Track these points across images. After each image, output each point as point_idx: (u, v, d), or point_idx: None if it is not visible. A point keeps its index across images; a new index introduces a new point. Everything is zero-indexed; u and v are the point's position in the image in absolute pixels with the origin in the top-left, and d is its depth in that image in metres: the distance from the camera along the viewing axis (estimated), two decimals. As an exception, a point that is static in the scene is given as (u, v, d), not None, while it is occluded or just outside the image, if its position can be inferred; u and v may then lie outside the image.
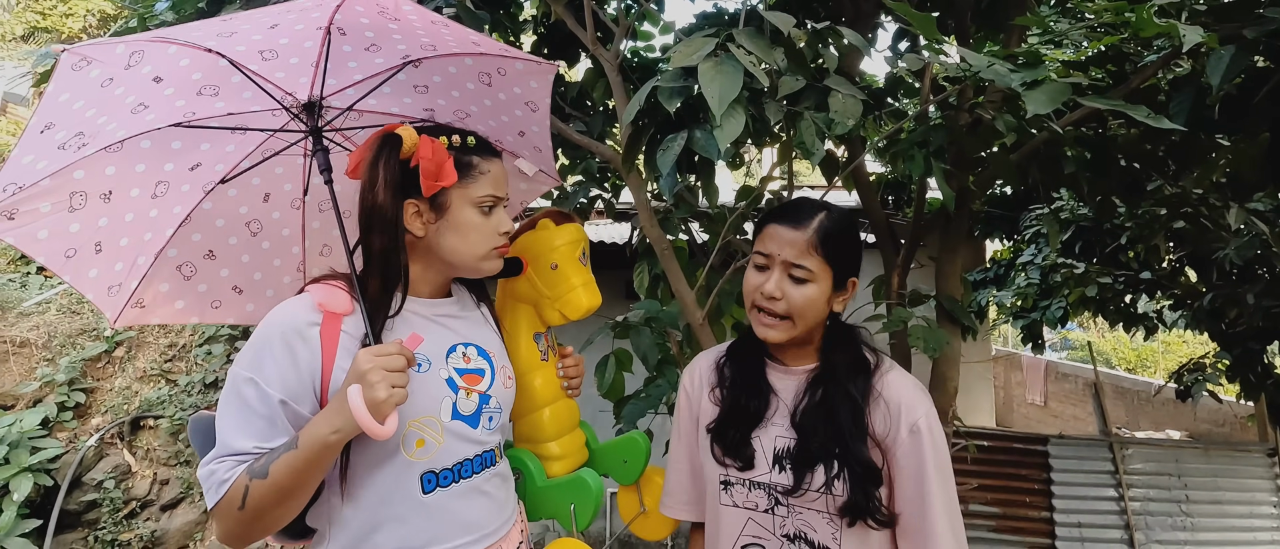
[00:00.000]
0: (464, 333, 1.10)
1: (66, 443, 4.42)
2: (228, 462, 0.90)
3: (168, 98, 1.03)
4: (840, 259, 1.07)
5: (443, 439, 1.01)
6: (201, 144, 1.13)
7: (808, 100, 1.43)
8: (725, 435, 1.11)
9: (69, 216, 1.04)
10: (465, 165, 1.02)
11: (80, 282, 1.11)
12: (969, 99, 1.89)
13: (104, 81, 0.97)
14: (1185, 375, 3.97)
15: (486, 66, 1.21)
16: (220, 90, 1.06)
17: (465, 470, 1.04)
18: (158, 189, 1.12)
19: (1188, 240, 3.09)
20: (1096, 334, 11.99)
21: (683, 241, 2.34)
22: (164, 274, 1.20)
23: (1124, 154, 2.10)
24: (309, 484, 0.91)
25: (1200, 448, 4.53)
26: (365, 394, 0.85)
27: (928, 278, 2.27)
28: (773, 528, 1.08)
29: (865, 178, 2.35)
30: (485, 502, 1.06)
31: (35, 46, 10.33)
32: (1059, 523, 4.29)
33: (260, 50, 1.03)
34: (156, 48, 0.97)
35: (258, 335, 0.95)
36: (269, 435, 0.91)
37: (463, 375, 1.05)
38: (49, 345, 4.95)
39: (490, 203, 1.04)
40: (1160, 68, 1.78)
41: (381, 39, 1.08)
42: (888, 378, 1.09)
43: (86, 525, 4.24)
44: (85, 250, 1.08)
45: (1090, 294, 3.72)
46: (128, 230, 1.11)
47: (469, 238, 1.03)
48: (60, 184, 1.01)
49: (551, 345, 1.28)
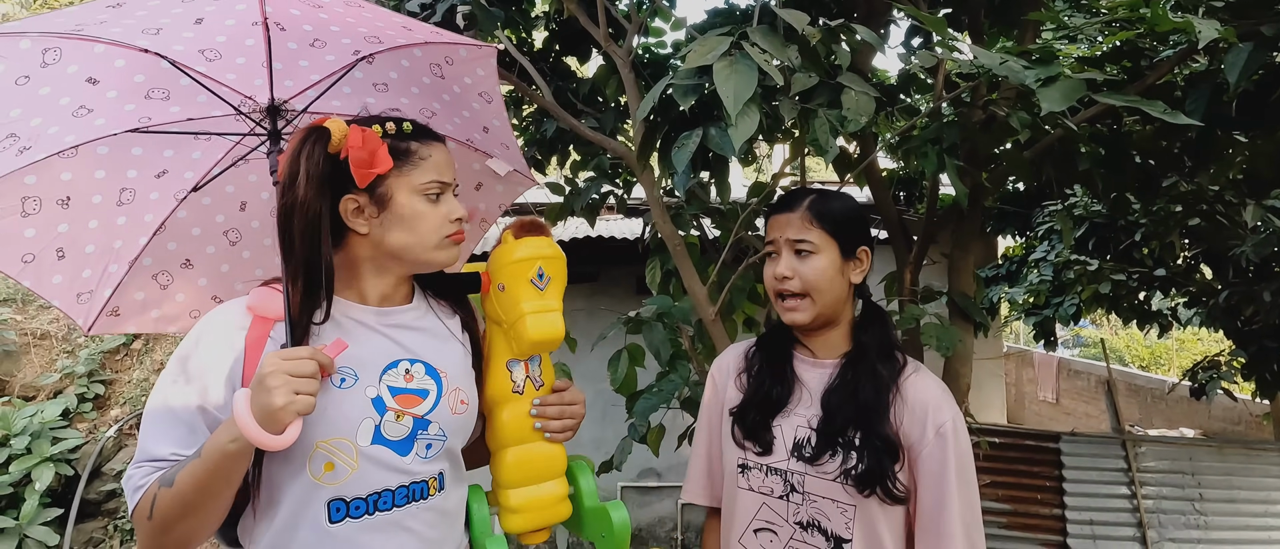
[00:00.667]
0: (413, 347, 0.97)
1: (86, 433, 4.50)
2: (145, 468, 0.85)
3: (112, 101, 0.99)
4: (839, 227, 1.10)
5: (356, 464, 0.89)
6: (165, 151, 1.10)
7: (821, 97, 1.43)
8: (746, 418, 1.14)
9: (22, 221, 1.01)
10: (402, 152, 0.93)
11: (42, 287, 1.08)
12: (982, 96, 1.88)
13: (19, 79, 0.92)
14: (1200, 373, 3.94)
15: (434, 56, 1.15)
16: (170, 94, 1.03)
17: (384, 502, 0.91)
18: (123, 196, 1.10)
19: (1203, 237, 3.07)
20: (1109, 331, 11.89)
21: (695, 237, 2.35)
22: (138, 283, 1.18)
23: (1139, 151, 2.09)
24: (215, 497, 0.83)
25: (1214, 446, 4.49)
26: (259, 399, 0.77)
27: (940, 274, 2.26)
28: (786, 515, 1.10)
29: (877, 174, 2.35)
30: (408, 538, 0.92)
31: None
32: (1071, 520, 4.27)
33: (200, 49, 0.98)
34: (75, 46, 0.92)
35: (186, 339, 0.90)
36: (188, 442, 0.85)
37: (396, 395, 0.92)
38: (68, 338, 5.04)
39: (436, 189, 0.95)
40: (1176, 64, 1.77)
41: (322, 33, 1.03)
42: (913, 378, 1.10)
43: (106, 515, 4.32)
44: (45, 256, 1.06)
45: (1104, 291, 3.70)
46: (93, 237, 1.09)
47: (417, 229, 0.94)
48: (10, 188, 0.98)
49: (531, 376, 1.06)
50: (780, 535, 1.10)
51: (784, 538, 1.09)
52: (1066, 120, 1.62)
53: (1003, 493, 4.31)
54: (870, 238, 1.15)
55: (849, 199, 1.16)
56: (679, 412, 2.02)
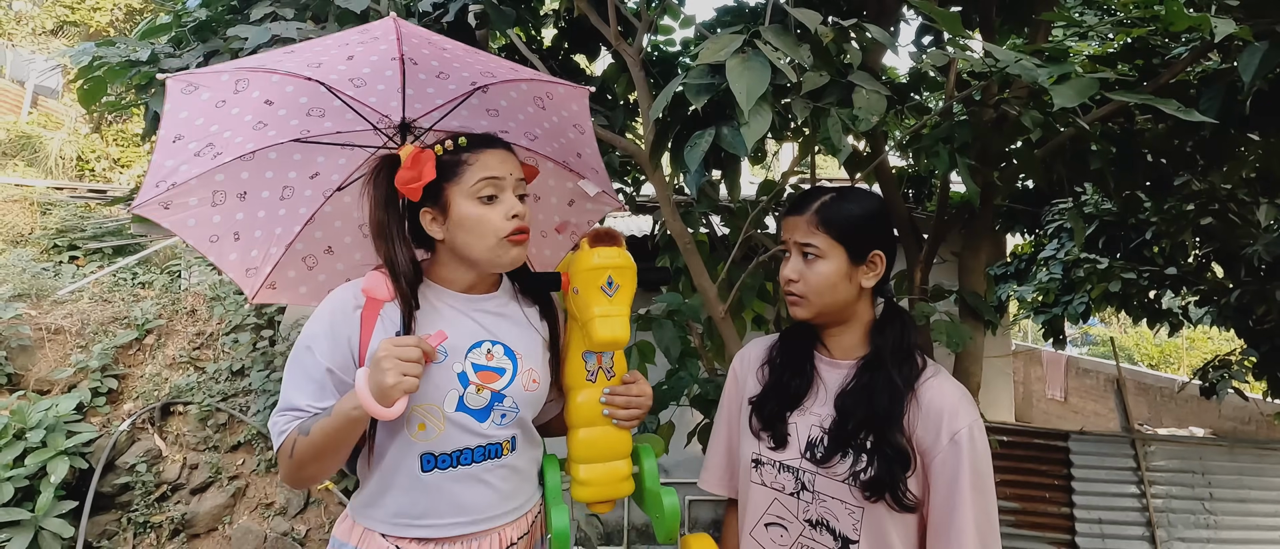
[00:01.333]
0: (495, 330, 1.15)
1: (100, 427, 4.55)
2: (287, 415, 1.06)
3: (282, 117, 1.22)
4: (846, 233, 1.09)
5: (443, 427, 1.08)
6: (318, 157, 1.32)
7: (832, 96, 1.44)
8: (764, 409, 1.16)
9: (211, 210, 1.26)
10: (453, 164, 1.09)
11: (222, 261, 1.32)
12: (994, 95, 1.88)
13: (217, 103, 1.15)
14: (1210, 372, 3.92)
15: (537, 91, 1.31)
16: (325, 112, 1.24)
17: (465, 458, 1.10)
18: (284, 192, 1.32)
19: (1215, 236, 3.05)
20: (1119, 330, 11.82)
21: (704, 236, 2.36)
22: (292, 264, 1.40)
23: (1151, 150, 2.08)
24: (339, 448, 1.04)
25: (1225, 446, 4.47)
26: (375, 378, 0.95)
27: (950, 273, 2.26)
28: (796, 512, 1.11)
29: (888, 172, 2.35)
30: (484, 490, 1.11)
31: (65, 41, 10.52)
32: (1079, 519, 4.26)
33: (350, 78, 1.19)
34: (259, 76, 1.15)
35: (316, 313, 1.10)
36: (319, 396, 1.06)
37: (478, 371, 1.10)
38: (82, 332, 5.08)
39: (488, 190, 1.09)
40: (1191, 62, 1.76)
41: (446, 68, 1.21)
42: (931, 382, 1.09)
43: (120, 507, 4.36)
44: (225, 238, 1.30)
45: (1114, 289, 3.68)
46: (260, 225, 1.33)
47: (474, 230, 1.09)
48: (204, 184, 1.22)
49: (604, 367, 1.20)
50: (790, 531, 1.12)
51: (794, 534, 1.11)
52: (1078, 119, 1.61)
53: (1011, 491, 4.30)
54: (886, 240, 1.12)
55: (865, 201, 1.13)
56: (687, 408, 2.03)
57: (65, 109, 10.94)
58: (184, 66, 1.94)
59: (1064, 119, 1.65)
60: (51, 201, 8.06)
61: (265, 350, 5.11)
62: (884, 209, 1.15)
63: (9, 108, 10.77)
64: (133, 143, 10.50)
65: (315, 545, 4.45)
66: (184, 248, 6.73)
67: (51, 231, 7.59)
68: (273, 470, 4.66)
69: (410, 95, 1.22)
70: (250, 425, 4.72)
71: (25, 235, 7.62)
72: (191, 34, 2.04)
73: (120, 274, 6.19)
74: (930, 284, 2.17)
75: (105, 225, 7.76)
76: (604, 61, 2.64)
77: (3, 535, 3.86)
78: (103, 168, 10.22)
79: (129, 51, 2.00)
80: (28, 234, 7.64)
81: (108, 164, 10.31)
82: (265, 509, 4.53)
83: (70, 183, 9.15)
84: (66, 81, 11.03)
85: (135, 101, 2.25)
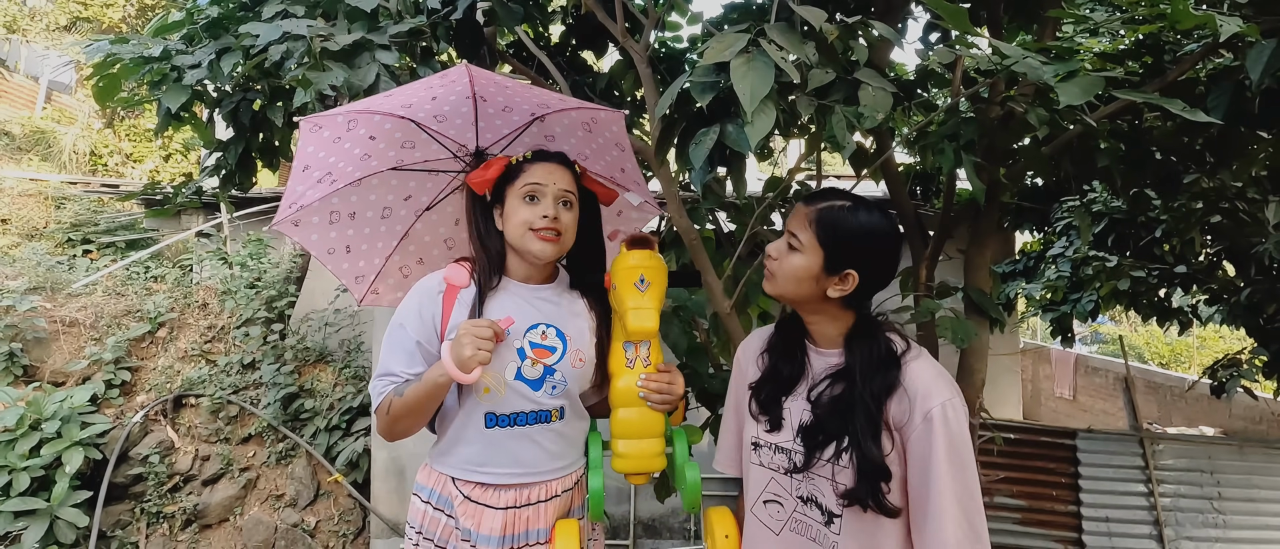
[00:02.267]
0: (549, 315, 1.37)
1: (114, 419, 4.61)
2: (385, 380, 1.31)
3: (381, 150, 1.47)
4: (831, 243, 1.12)
5: (504, 392, 1.29)
6: (410, 182, 1.58)
7: (838, 93, 1.44)
8: (761, 394, 1.23)
9: (329, 227, 1.53)
10: (515, 172, 1.33)
11: (338, 270, 1.59)
12: (1000, 92, 1.88)
13: (334, 140, 1.43)
14: (1220, 371, 3.90)
15: (583, 117, 1.53)
16: (415, 145, 1.50)
17: (520, 420, 1.32)
18: (384, 212, 1.59)
19: (1225, 234, 3.03)
20: (1129, 328, 11.73)
21: (710, 232, 2.37)
22: (392, 273, 1.66)
23: (1160, 147, 2.07)
24: (427, 407, 1.29)
25: (1234, 445, 4.44)
26: (457, 351, 1.19)
27: (956, 270, 2.26)
28: (790, 489, 1.19)
29: (894, 169, 2.35)
30: (534, 448, 1.33)
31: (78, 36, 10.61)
32: (1086, 517, 4.24)
33: (434, 115, 1.45)
34: (365, 116, 1.41)
35: (408, 296, 1.35)
36: (409, 363, 1.30)
37: (534, 349, 1.33)
38: (96, 325, 5.15)
39: (532, 192, 1.31)
40: (1199, 60, 1.75)
41: (509, 102, 1.45)
42: (912, 367, 1.12)
43: (133, 498, 4.43)
44: (339, 251, 1.57)
45: (1123, 287, 3.66)
46: (366, 240, 1.60)
47: (511, 219, 1.32)
48: (323, 206, 1.50)
49: (641, 356, 1.35)
50: (785, 507, 1.20)
51: (788, 510, 1.19)
52: (1085, 116, 1.61)
53: (1017, 489, 4.29)
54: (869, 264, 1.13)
55: (868, 221, 1.13)
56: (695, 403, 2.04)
57: (78, 104, 11.05)
58: (195, 63, 1.96)
59: (1071, 116, 1.65)
60: (65, 196, 8.16)
61: (275, 344, 5.16)
62: (886, 235, 1.14)
63: (24, 103, 10.88)
64: (145, 138, 10.59)
65: (325, 537, 4.51)
66: (195, 242, 6.80)
67: (66, 225, 7.68)
68: (282, 463, 4.71)
69: (482, 127, 1.49)
70: (261, 418, 4.77)
71: (40, 229, 7.72)
72: (204, 31, 2.06)
73: (133, 268, 6.26)
74: (936, 281, 2.17)
75: (118, 220, 7.84)
76: (611, 58, 2.65)
77: (20, 524, 3.93)
78: (115, 163, 10.32)
79: (142, 48, 2.03)
80: (42, 228, 7.73)
81: (120, 159, 10.41)
82: (276, 501, 4.58)
83: (84, 177, 9.25)
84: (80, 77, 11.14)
85: (148, 98, 2.28)
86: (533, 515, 1.33)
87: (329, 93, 1.75)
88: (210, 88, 2.16)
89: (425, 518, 1.35)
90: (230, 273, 5.88)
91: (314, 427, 4.75)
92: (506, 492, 1.32)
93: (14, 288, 5.13)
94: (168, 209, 2.95)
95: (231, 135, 2.25)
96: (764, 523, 1.23)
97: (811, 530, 1.17)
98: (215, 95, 2.20)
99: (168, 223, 7.09)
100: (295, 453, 4.72)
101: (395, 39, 1.85)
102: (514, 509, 1.32)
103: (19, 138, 9.85)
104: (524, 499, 1.33)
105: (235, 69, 1.88)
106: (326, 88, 1.69)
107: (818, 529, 1.16)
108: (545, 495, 1.35)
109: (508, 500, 1.31)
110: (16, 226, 7.71)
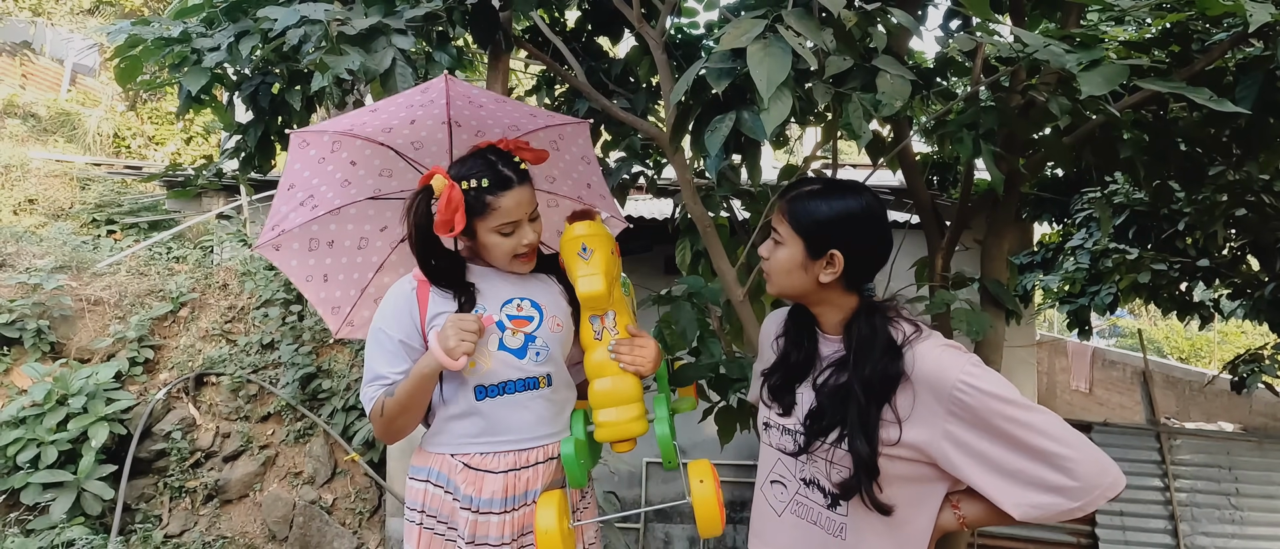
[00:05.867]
0: (523, 289, 1.42)
1: (138, 395, 4.72)
2: (375, 384, 1.34)
3: (361, 177, 1.48)
4: (807, 228, 1.13)
5: (490, 364, 1.35)
6: (387, 211, 1.58)
7: (855, 81, 1.43)
8: (772, 379, 1.25)
9: (308, 254, 1.54)
10: (481, 206, 1.31)
11: (314, 299, 1.59)
12: (1022, 80, 1.85)
13: (319, 159, 1.43)
14: (1241, 366, 3.84)
15: (551, 135, 1.55)
16: (393, 173, 1.52)
17: (509, 389, 1.36)
18: (361, 242, 1.60)
19: (1249, 228, 2.97)
20: (1148, 322, 11.56)
21: (724, 219, 2.36)
22: (366, 305, 1.65)
23: (1185, 138, 2.03)
24: (420, 401, 1.33)
25: (1254, 441, 4.38)
26: (444, 343, 1.24)
27: (973, 260, 2.24)
28: (794, 471, 1.20)
29: (911, 158, 2.33)
30: (526, 414, 1.37)
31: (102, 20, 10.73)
32: (1100, 510, 4.21)
33: (412, 142, 1.47)
34: (349, 139, 1.42)
35: (383, 302, 1.39)
36: (395, 363, 1.33)
37: (512, 320, 1.37)
38: (120, 304, 5.26)
39: (507, 230, 1.34)
40: (1228, 49, 1.71)
41: (482, 126, 1.47)
42: (917, 351, 1.08)
43: (156, 473, 4.54)
44: (317, 278, 1.57)
45: (1143, 280, 3.61)
46: (343, 269, 1.60)
47: (494, 251, 1.36)
48: (303, 232, 1.51)
49: (608, 327, 1.39)
50: (789, 489, 1.21)
51: (791, 492, 1.21)
52: (1109, 106, 1.58)
53: (1030, 481, 4.26)
54: (852, 242, 1.12)
55: (840, 201, 1.13)
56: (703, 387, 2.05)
57: (102, 87, 11.20)
58: (215, 46, 1.98)
59: (1094, 106, 1.62)
60: (90, 177, 8.30)
61: (294, 325, 5.23)
62: (863, 212, 1.13)
63: (49, 85, 11.05)
64: (167, 121, 10.73)
65: (342, 514, 4.60)
66: (216, 224, 6.90)
67: (90, 206, 7.83)
68: (300, 441, 4.80)
69: (456, 153, 1.47)
70: (280, 397, 4.86)
71: (66, 209, 7.87)
72: (223, 14, 2.08)
73: (155, 248, 6.37)
74: (952, 271, 2.15)
75: (141, 201, 7.98)
76: (627, 44, 2.64)
77: (49, 495, 4.05)
78: (138, 145, 10.47)
79: (163, 30, 2.05)
80: (68, 208, 7.88)
81: (143, 141, 10.56)
82: (294, 478, 4.68)
83: (107, 159, 9.40)
84: (103, 60, 11.28)
85: (169, 80, 2.31)
86: (532, 476, 1.38)
87: (346, 77, 1.75)
88: (230, 71, 2.18)
89: (427, 497, 1.39)
90: (250, 254, 5.97)
91: (331, 406, 4.83)
92: (505, 456, 1.37)
93: (41, 266, 5.25)
94: (189, 191, 3.00)
95: (251, 118, 2.28)
96: (769, 503, 1.25)
97: (813, 513, 1.17)
98: (235, 78, 2.23)
99: (189, 204, 7.20)
100: (313, 432, 4.81)
101: (411, 23, 1.86)
102: (513, 472, 1.36)
103: (45, 120, 10.02)
104: (522, 462, 1.37)
105: (254, 52, 1.90)
106: (343, 72, 1.69)
107: (819, 512, 1.16)
108: (543, 457, 1.40)
109: (507, 464, 1.36)
110: (43, 206, 7.87)
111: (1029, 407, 1.02)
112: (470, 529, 1.34)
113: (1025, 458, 1.01)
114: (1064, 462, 0.99)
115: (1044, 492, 1.00)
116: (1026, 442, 1.00)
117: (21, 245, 5.71)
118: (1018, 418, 1.01)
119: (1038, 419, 1.01)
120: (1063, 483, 0.99)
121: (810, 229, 1.13)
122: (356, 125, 1.39)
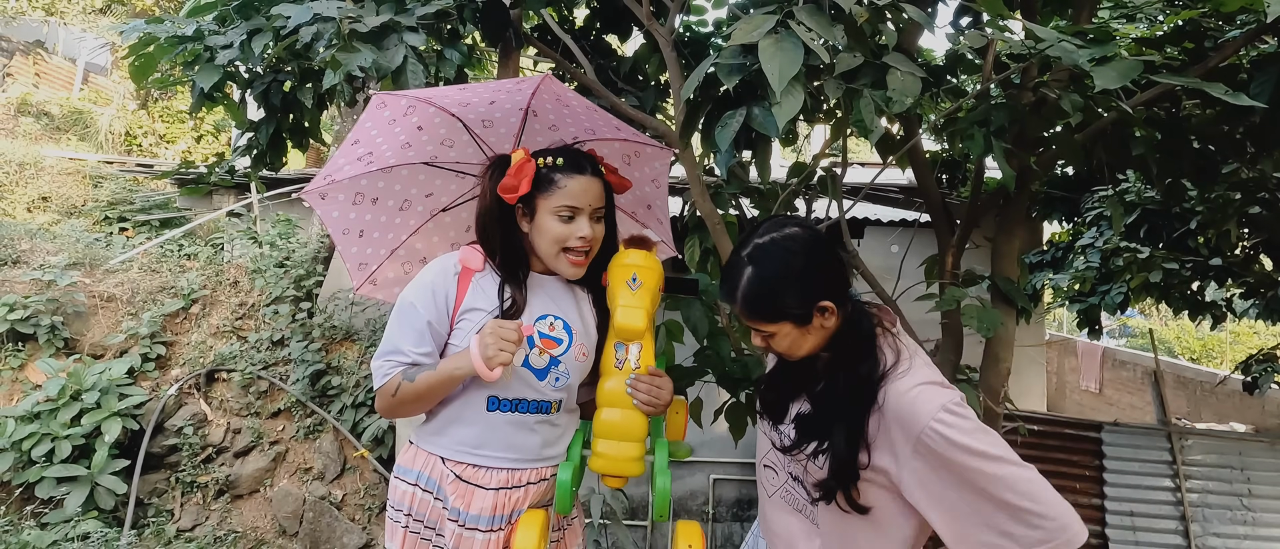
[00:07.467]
0: (558, 307, 1.37)
1: (150, 391, 4.76)
2: (392, 359, 1.30)
3: (423, 142, 1.46)
4: (778, 310, 1.08)
5: (510, 378, 1.30)
6: (436, 179, 1.56)
7: (866, 77, 1.43)
8: (766, 390, 1.28)
9: (351, 208, 1.51)
10: (547, 180, 1.29)
11: (346, 252, 1.56)
12: (1033, 77, 1.84)
13: (391, 121, 1.42)
14: (1253, 366, 3.81)
15: (628, 148, 1.55)
16: (455, 144, 1.49)
17: (521, 407, 1.33)
18: (403, 205, 1.56)
19: (1263, 226, 2.95)
20: (1159, 322, 11.46)
21: (734, 217, 2.36)
22: (394, 267, 1.62)
23: (1198, 135, 2.02)
24: (437, 396, 1.31)
25: (1266, 441, 4.34)
26: (482, 349, 1.20)
27: (983, 258, 2.24)
28: (783, 464, 1.25)
29: (921, 155, 2.32)
30: (530, 436, 1.34)
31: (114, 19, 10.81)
32: (1110, 511, 4.19)
33: (483, 119, 1.44)
34: (424, 105, 1.39)
35: (421, 275, 1.34)
36: (418, 343, 1.30)
37: (542, 339, 1.33)
38: (132, 300, 5.30)
39: (567, 213, 1.29)
40: (1243, 45, 1.70)
41: (559, 122, 1.46)
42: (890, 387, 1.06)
43: (168, 467, 4.58)
44: (353, 232, 1.54)
45: (1154, 279, 3.58)
46: (380, 228, 1.57)
47: (542, 239, 1.31)
48: (352, 185, 1.48)
49: (632, 358, 1.32)
50: (778, 476, 1.28)
51: (780, 480, 1.27)
52: (1121, 103, 1.58)
53: (1039, 481, 4.24)
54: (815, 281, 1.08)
55: (766, 262, 1.08)
56: (714, 386, 2.06)
57: (114, 85, 11.30)
58: (228, 44, 2.00)
59: (1106, 103, 1.61)
60: (102, 175, 8.37)
61: (304, 322, 5.27)
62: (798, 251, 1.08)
63: (62, 84, 11.16)
64: (178, 119, 10.81)
65: (351, 510, 4.62)
66: (226, 221, 6.95)
67: (102, 203, 7.89)
68: (310, 437, 4.83)
69: (524, 141, 1.47)
70: (290, 393, 4.89)
71: (78, 206, 7.94)
72: (236, 12, 2.10)
73: (167, 246, 6.43)
74: (962, 269, 2.15)
75: (152, 198, 8.04)
76: (636, 41, 2.64)
77: (62, 489, 4.09)
78: (149, 143, 10.55)
79: (176, 28, 2.07)
80: (81, 205, 7.96)
81: (154, 140, 10.64)
82: (304, 474, 4.71)
83: (119, 157, 9.48)
84: (115, 59, 11.38)
85: (182, 78, 2.33)
86: (521, 497, 1.35)
87: (357, 74, 1.77)
88: (242, 69, 2.20)
89: (413, 500, 1.35)
90: (260, 252, 6.00)
91: (340, 403, 4.86)
92: (499, 474, 1.33)
93: (55, 263, 5.30)
94: (200, 188, 3.03)
95: (262, 116, 2.30)
96: (763, 484, 1.31)
97: (798, 503, 1.23)
98: (247, 76, 2.24)
99: (200, 202, 7.25)
100: (323, 428, 4.84)
101: (422, 21, 1.87)
102: (505, 490, 1.33)
103: (58, 118, 10.12)
104: (515, 481, 1.34)
105: (266, 50, 1.91)
106: (355, 69, 1.71)
107: (803, 504, 1.22)
108: (535, 479, 1.36)
109: (499, 481, 1.33)
110: (56, 204, 7.95)
111: (1001, 460, 0.98)
112: (455, 542, 1.31)
113: (987, 505, 0.98)
114: (1027, 516, 0.96)
115: (996, 535, 0.98)
116: (991, 492, 0.97)
117: (35, 242, 5.77)
118: (985, 471, 0.97)
119: (1009, 473, 0.97)
120: (1020, 532, 0.97)
121: (782, 309, 1.08)
122: (438, 95, 1.38)
